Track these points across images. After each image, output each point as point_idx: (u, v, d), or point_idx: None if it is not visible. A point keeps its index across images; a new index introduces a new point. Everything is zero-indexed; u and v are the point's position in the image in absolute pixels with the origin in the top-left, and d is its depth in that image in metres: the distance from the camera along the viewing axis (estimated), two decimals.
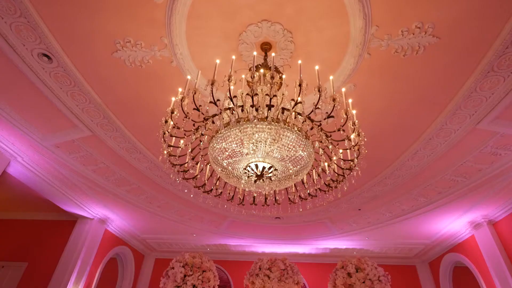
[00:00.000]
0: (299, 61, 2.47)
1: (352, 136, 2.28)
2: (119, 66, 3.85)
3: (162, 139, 2.30)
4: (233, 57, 2.54)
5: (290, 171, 2.59)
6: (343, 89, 2.68)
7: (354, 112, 2.47)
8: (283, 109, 2.14)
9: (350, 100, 2.55)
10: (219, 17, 3.23)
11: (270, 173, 2.41)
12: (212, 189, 2.92)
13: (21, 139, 5.24)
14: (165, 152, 2.41)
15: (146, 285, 10.63)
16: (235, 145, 2.33)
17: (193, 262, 5.08)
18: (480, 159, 5.15)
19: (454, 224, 7.60)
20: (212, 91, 2.05)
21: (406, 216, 7.36)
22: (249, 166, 2.37)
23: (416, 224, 7.79)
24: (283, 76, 2.71)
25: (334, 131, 2.30)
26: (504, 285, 6.51)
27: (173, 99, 2.40)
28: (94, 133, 5.06)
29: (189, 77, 2.52)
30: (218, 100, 2.12)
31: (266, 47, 3.42)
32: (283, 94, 2.45)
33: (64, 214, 8.10)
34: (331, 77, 2.53)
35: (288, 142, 2.31)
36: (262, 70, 2.71)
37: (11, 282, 7.47)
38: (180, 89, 2.34)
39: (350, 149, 2.33)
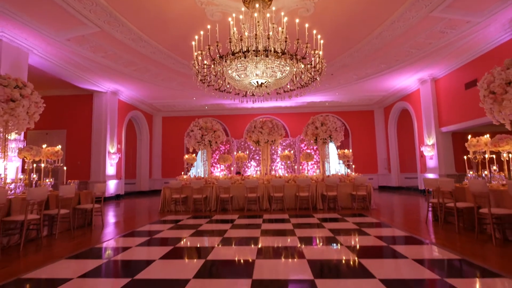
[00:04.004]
0: (285, 18, 3.28)
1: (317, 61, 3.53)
2: None
3: (196, 70, 3.46)
4: (241, 16, 3.26)
5: (278, 76, 3.94)
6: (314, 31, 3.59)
7: (321, 42, 3.54)
8: (275, 52, 3.23)
9: (319, 36, 3.55)
10: None
11: (265, 84, 3.76)
12: (225, 89, 4.30)
13: (35, 36, 5.81)
14: (198, 77, 3.62)
15: (159, 135, 13.38)
16: (244, 68, 3.56)
17: (206, 126, 6.98)
18: (431, 36, 6.31)
19: (407, 81, 9.45)
20: (230, 46, 3.04)
21: (369, 77, 9.05)
22: (252, 82, 3.68)
23: (377, 82, 9.61)
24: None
25: (308, 64, 3.51)
26: (427, 120, 9.18)
27: (195, 42, 3.36)
28: (102, 29, 5.66)
29: (209, 26, 3.32)
30: (234, 51, 3.16)
31: None
32: (273, 27, 3.44)
33: (81, 90, 9.35)
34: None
35: (278, 64, 3.55)
36: (257, 5, 3.48)
37: (60, 144, 9.62)
38: (202, 32, 3.22)
39: (315, 71, 3.61)
